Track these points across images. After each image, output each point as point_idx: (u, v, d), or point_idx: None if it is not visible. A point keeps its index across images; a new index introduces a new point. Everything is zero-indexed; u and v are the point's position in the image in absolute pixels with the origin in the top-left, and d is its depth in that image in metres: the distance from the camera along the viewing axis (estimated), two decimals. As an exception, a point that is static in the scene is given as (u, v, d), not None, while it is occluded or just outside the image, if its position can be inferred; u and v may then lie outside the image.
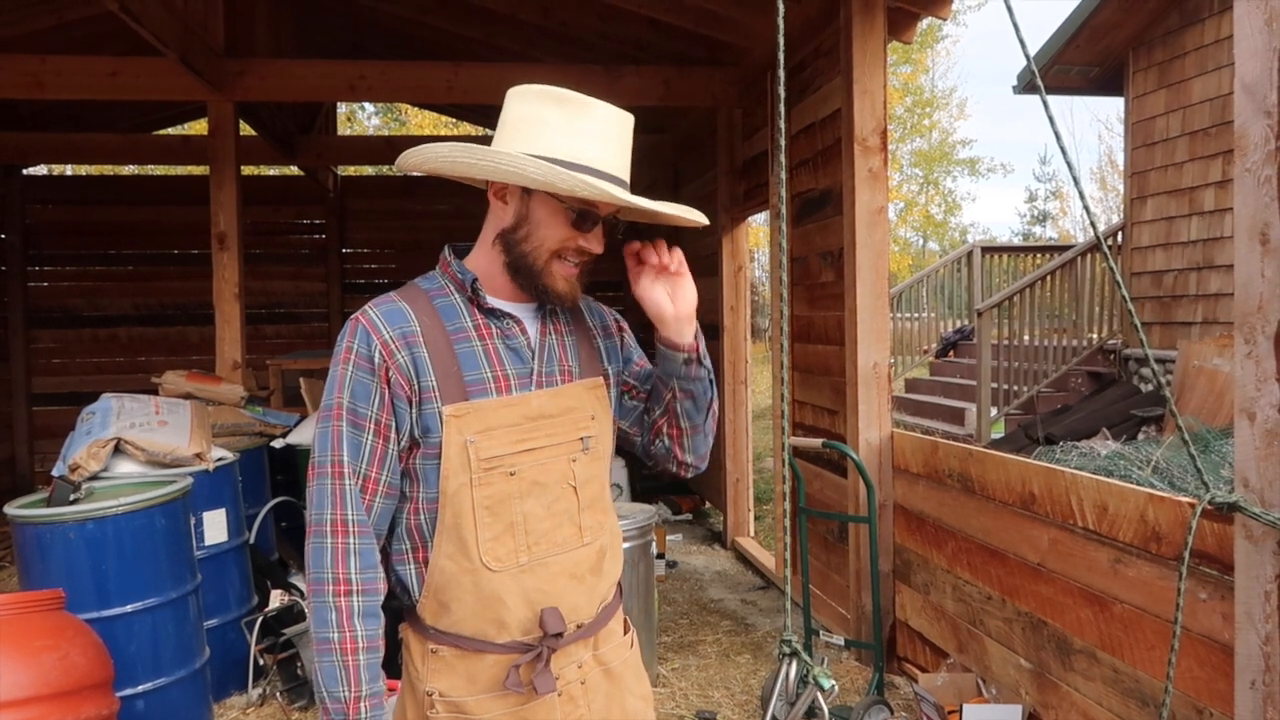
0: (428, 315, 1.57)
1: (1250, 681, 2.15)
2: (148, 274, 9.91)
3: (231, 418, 5.06)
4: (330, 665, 1.49)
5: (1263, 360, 2.06)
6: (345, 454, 1.52)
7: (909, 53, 22.51)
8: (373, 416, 1.53)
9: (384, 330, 1.54)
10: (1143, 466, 6.04)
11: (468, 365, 1.56)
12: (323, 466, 1.53)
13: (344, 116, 18.07)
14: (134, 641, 3.43)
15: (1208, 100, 7.73)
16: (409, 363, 1.53)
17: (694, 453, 1.79)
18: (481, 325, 1.59)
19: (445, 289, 1.62)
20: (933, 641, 3.95)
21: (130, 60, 5.72)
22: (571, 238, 1.56)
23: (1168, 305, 8.29)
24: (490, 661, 1.56)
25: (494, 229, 1.60)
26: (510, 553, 1.55)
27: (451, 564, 1.54)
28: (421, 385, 1.54)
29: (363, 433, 1.53)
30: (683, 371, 1.72)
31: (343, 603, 1.49)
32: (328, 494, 1.52)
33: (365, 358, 1.53)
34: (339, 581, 1.50)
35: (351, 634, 1.49)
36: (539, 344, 1.63)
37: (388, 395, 1.53)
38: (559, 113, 1.52)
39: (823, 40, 4.69)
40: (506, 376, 1.58)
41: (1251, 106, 2.10)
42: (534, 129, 1.52)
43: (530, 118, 1.53)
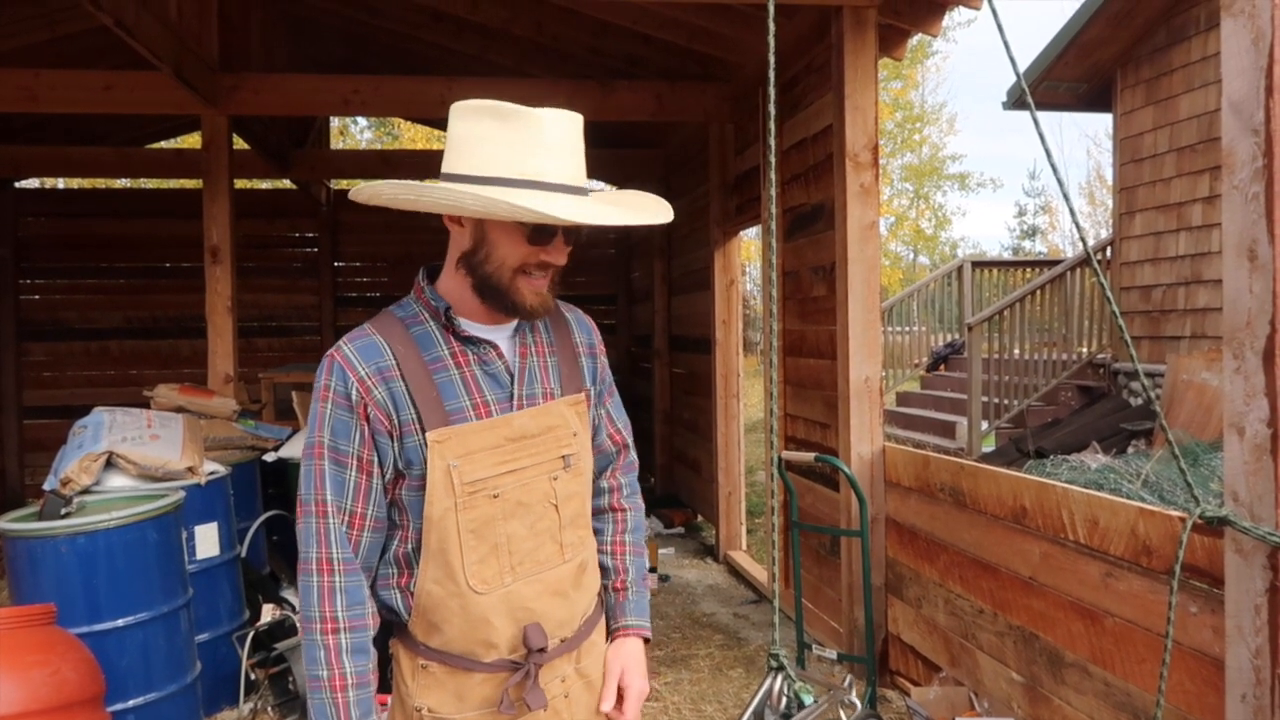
0: (404, 345, 1.57)
1: (1241, 695, 2.16)
2: (140, 287, 9.89)
3: (224, 431, 5.05)
4: (321, 703, 1.51)
5: (1251, 375, 2.08)
6: (329, 492, 1.53)
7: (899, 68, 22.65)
8: (354, 453, 1.53)
9: (359, 367, 1.54)
10: (1133, 480, 6.07)
11: (447, 394, 1.56)
12: (308, 505, 1.54)
13: (337, 130, 18.10)
14: (125, 656, 3.41)
15: (1195, 117, 7.80)
16: (386, 397, 1.53)
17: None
18: (458, 353, 1.59)
19: (420, 316, 1.61)
20: (925, 655, 3.96)
21: (124, 74, 5.74)
22: (531, 254, 1.54)
23: (1156, 320, 8.34)
24: (479, 679, 1.59)
25: (456, 252, 1.60)
26: (495, 574, 1.57)
27: (438, 588, 1.56)
28: (401, 419, 1.54)
29: (346, 469, 1.53)
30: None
31: (330, 640, 1.51)
32: (313, 532, 1.53)
33: (343, 395, 1.53)
34: (325, 620, 1.51)
35: (340, 671, 1.51)
36: (518, 367, 1.63)
37: (368, 431, 1.54)
38: (500, 128, 1.49)
39: (814, 56, 4.72)
40: (486, 403, 1.58)
41: (1239, 124, 2.12)
42: (476, 147, 1.50)
43: (472, 136, 1.51)
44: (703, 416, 7.29)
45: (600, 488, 1.83)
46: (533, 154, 1.48)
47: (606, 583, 1.82)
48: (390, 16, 7.17)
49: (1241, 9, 2.09)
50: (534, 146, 1.49)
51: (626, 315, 10.67)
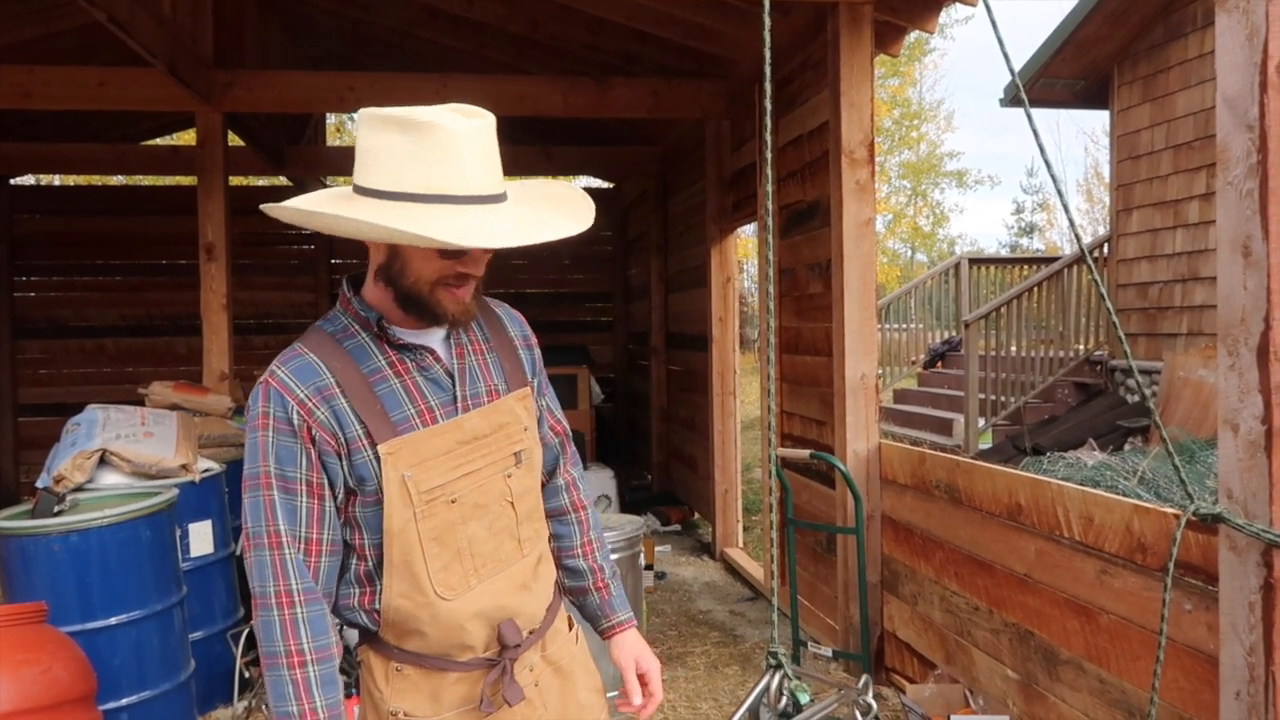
0: (340, 361, 1.53)
1: (1235, 692, 2.15)
2: (135, 285, 9.87)
3: (218, 429, 5.03)
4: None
5: (1246, 372, 2.08)
6: (281, 522, 1.49)
7: (896, 65, 22.63)
8: (302, 478, 1.50)
9: (297, 390, 1.50)
10: (1129, 477, 6.07)
11: (390, 405, 1.53)
12: (259, 538, 1.49)
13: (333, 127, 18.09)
14: (118, 654, 3.40)
15: (1192, 114, 7.80)
16: (330, 417, 1.50)
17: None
18: (395, 362, 1.56)
19: (351, 329, 1.57)
20: (920, 652, 3.95)
21: (118, 71, 5.72)
22: (447, 268, 1.50)
23: (1153, 317, 8.34)
24: (454, 679, 1.59)
25: (374, 266, 1.56)
26: (460, 579, 1.56)
27: (406, 601, 1.55)
28: (348, 436, 1.51)
29: (295, 496, 1.50)
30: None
31: (299, 674, 1.47)
32: (268, 565, 1.48)
33: (284, 420, 1.49)
34: (292, 654, 1.47)
35: (311, 706, 1.48)
36: (457, 369, 1.61)
37: (314, 454, 1.50)
38: (404, 140, 1.42)
39: (810, 53, 4.71)
40: (430, 409, 1.56)
41: (1233, 121, 2.12)
42: (383, 161, 1.43)
43: (378, 149, 1.45)
44: (699, 414, 7.29)
45: (556, 485, 1.85)
46: (441, 165, 1.42)
47: (586, 584, 1.84)
48: (386, 13, 7.16)
49: (1236, 5, 2.09)
50: (442, 158, 1.42)
51: (623, 312, 10.66)
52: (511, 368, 1.69)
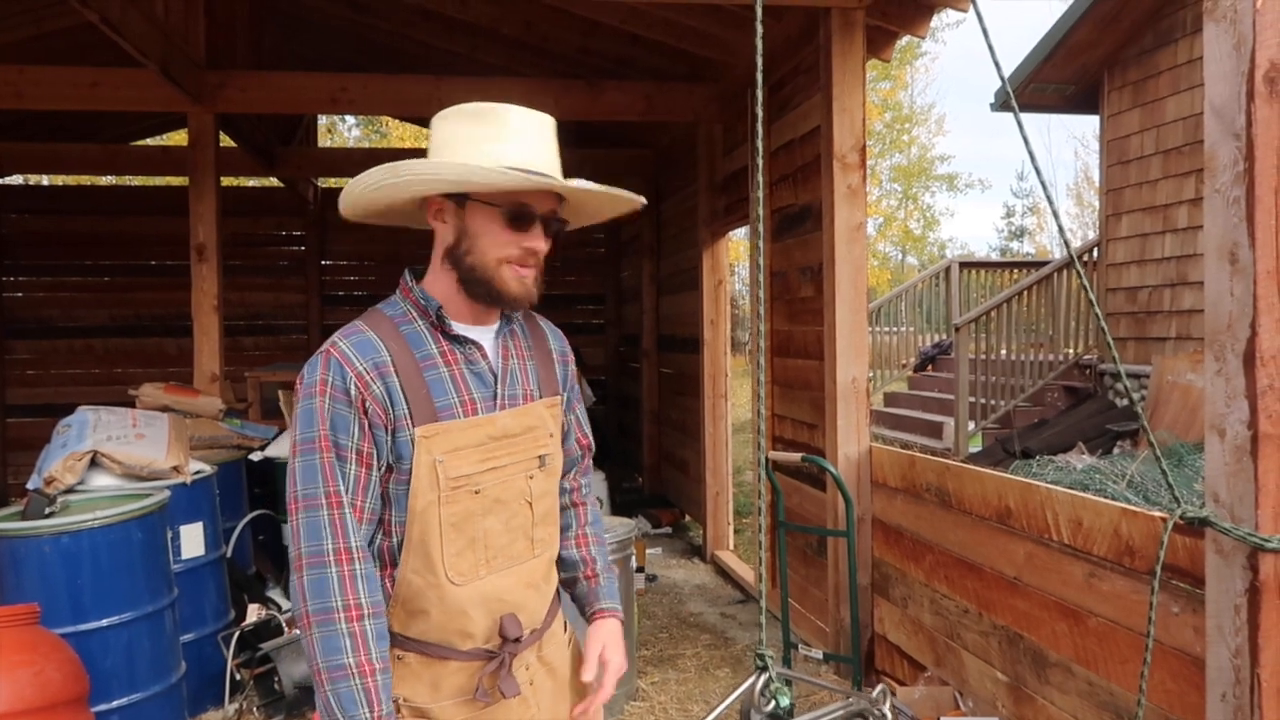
0: (396, 343, 1.59)
1: (1221, 694, 2.18)
2: (125, 285, 9.84)
3: (209, 430, 5.03)
4: (349, 690, 1.48)
5: (1232, 377, 2.10)
6: (340, 484, 1.53)
7: (888, 69, 22.70)
8: (354, 447, 1.55)
9: (357, 362, 1.56)
10: (1118, 481, 6.10)
11: (436, 392, 1.59)
12: (313, 499, 1.53)
13: (325, 128, 18.06)
14: (109, 656, 3.40)
15: (1181, 119, 7.85)
16: (384, 392, 1.56)
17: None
18: (447, 351, 1.63)
19: (409, 315, 1.64)
20: (910, 655, 3.97)
21: (110, 71, 5.71)
22: (512, 241, 1.59)
23: (1142, 321, 8.39)
24: (454, 668, 1.63)
25: (440, 249, 1.64)
26: (471, 567, 1.61)
27: (418, 578, 1.59)
28: (395, 414, 1.56)
29: (347, 463, 1.54)
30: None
31: (357, 628, 1.50)
32: (325, 524, 1.52)
33: (341, 390, 1.54)
34: (350, 608, 1.50)
35: (368, 657, 1.50)
36: (501, 368, 1.68)
37: (366, 425, 1.55)
38: (476, 126, 1.56)
39: (802, 58, 4.73)
40: (473, 400, 1.62)
41: (1220, 129, 2.14)
42: (457, 146, 1.56)
43: (452, 137, 1.57)
44: (690, 416, 7.30)
45: (562, 488, 1.89)
46: (513, 145, 1.55)
47: (576, 574, 1.89)
48: (379, 14, 7.16)
49: (1224, 14, 2.11)
50: (513, 138, 1.56)
51: (615, 315, 10.67)
52: (546, 376, 1.76)
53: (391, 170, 1.55)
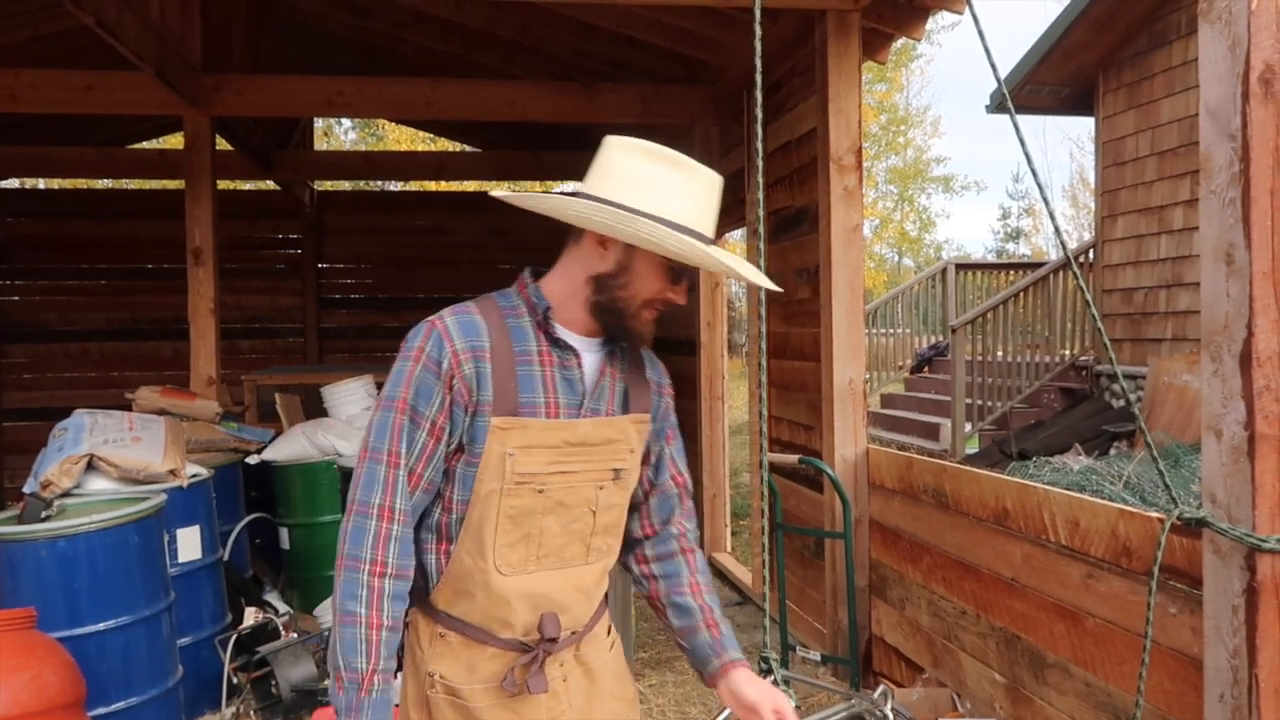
0: (499, 332, 1.64)
1: (1219, 695, 2.18)
2: (121, 289, 9.81)
3: (206, 434, 5.02)
4: (353, 637, 1.55)
5: (1229, 378, 2.10)
6: (403, 446, 1.60)
7: (884, 71, 22.74)
8: (430, 417, 1.60)
9: (457, 340, 1.61)
10: (1115, 482, 6.11)
11: (524, 387, 1.63)
12: (378, 452, 1.60)
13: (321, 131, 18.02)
14: (106, 660, 3.39)
15: (1176, 121, 7.86)
16: (474, 374, 1.61)
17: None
18: (545, 352, 1.66)
19: (519, 310, 1.68)
20: (908, 656, 3.97)
21: (106, 74, 5.70)
22: (665, 289, 1.65)
23: (1138, 322, 8.40)
24: (490, 654, 1.67)
25: (586, 270, 1.65)
26: (521, 560, 1.66)
27: (470, 560, 1.65)
28: (480, 398, 1.61)
29: (419, 430, 1.60)
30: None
31: (377, 583, 1.57)
32: (379, 479, 1.59)
33: (435, 361, 1.60)
34: (376, 563, 1.57)
35: (379, 612, 1.56)
36: (593, 381, 1.70)
37: (448, 401, 1.61)
38: (671, 174, 1.60)
39: (798, 60, 4.74)
40: (557, 404, 1.66)
41: (1216, 130, 2.14)
42: (649, 188, 1.58)
43: (643, 176, 1.59)
44: (687, 418, 7.24)
45: (669, 533, 1.88)
46: (695, 203, 1.60)
47: (695, 621, 1.83)
48: (375, 17, 7.15)
49: (1219, 15, 2.11)
50: (697, 196, 1.61)
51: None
52: (637, 397, 1.77)
53: (605, 213, 1.55)
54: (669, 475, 1.87)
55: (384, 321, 10.69)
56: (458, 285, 10.72)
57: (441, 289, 10.70)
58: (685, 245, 1.54)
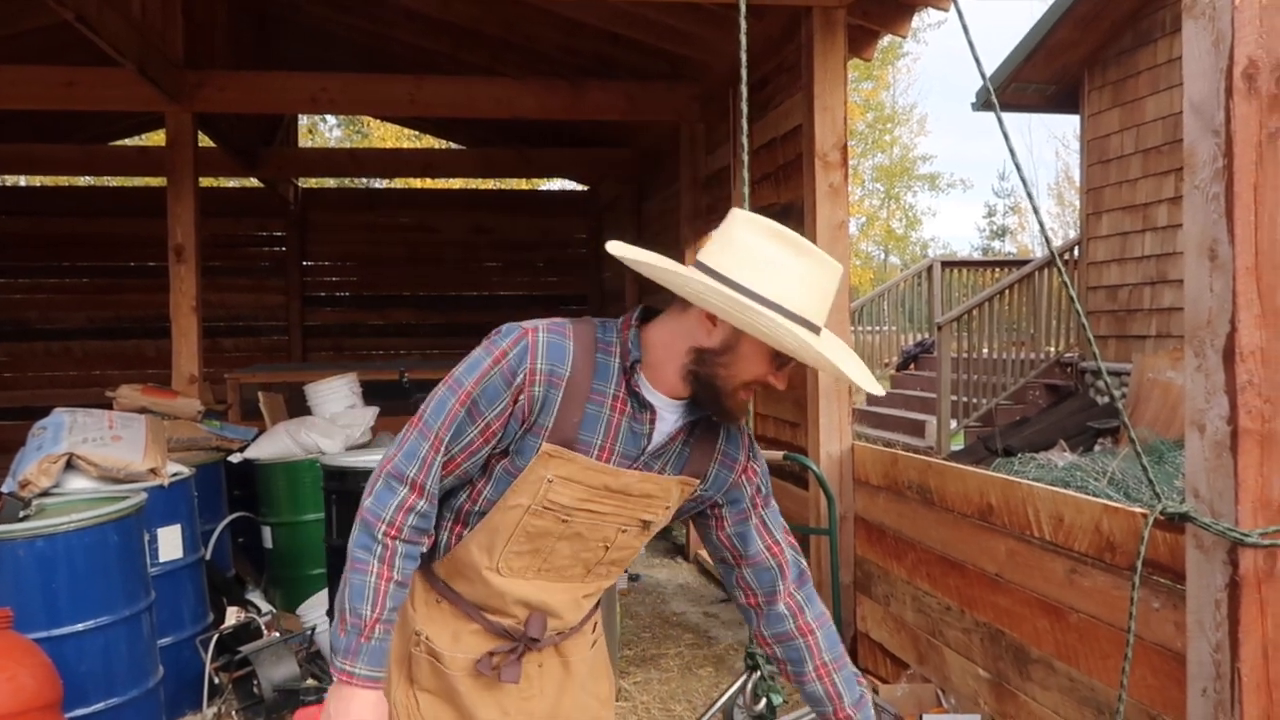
0: (584, 364, 1.61)
1: (1202, 689, 2.18)
2: (103, 286, 9.75)
3: (188, 432, 4.98)
4: (361, 584, 1.59)
5: (1212, 373, 2.10)
6: (450, 434, 1.60)
7: (870, 69, 22.79)
8: (487, 419, 1.60)
9: (540, 360, 1.59)
10: (1099, 478, 6.13)
11: (587, 425, 1.62)
12: (428, 429, 1.61)
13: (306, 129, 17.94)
14: (85, 661, 3.35)
15: (1160, 118, 7.90)
16: (541, 397, 1.59)
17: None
18: (621, 398, 1.63)
19: (612, 348, 1.64)
20: (893, 652, 3.97)
21: (87, 70, 5.65)
22: (767, 374, 1.60)
23: (1123, 319, 8.44)
24: (475, 629, 1.73)
25: (690, 339, 1.59)
26: (523, 568, 1.70)
27: (476, 552, 1.69)
28: (538, 420, 1.60)
29: (473, 425, 1.60)
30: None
31: (390, 542, 1.60)
32: (419, 455, 1.60)
33: (511, 370, 1.59)
34: (394, 525, 1.60)
35: (390, 567, 1.60)
36: (661, 442, 1.67)
37: (509, 411, 1.60)
38: (793, 259, 1.53)
39: (784, 57, 4.73)
40: (612, 450, 1.64)
41: (1200, 125, 2.14)
42: (769, 270, 1.51)
43: (765, 257, 1.52)
44: (674, 416, 7.28)
45: (779, 612, 1.81)
46: (816, 296, 1.54)
47: (825, 711, 1.80)
48: (360, 14, 7.13)
49: (1202, 11, 2.11)
50: (817, 289, 1.54)
51: (598, 316, 10.65)
52: (693, 463, 1.72)
53: (725, 300, 1.49)
54: (762, 547, 1.80)
55: (369, 319, 10.66)
56: (444, 283, 10.77)
57: (427, 287, 10.70)
58: (797, 341, 1.49)
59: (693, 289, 1.52)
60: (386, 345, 10.54)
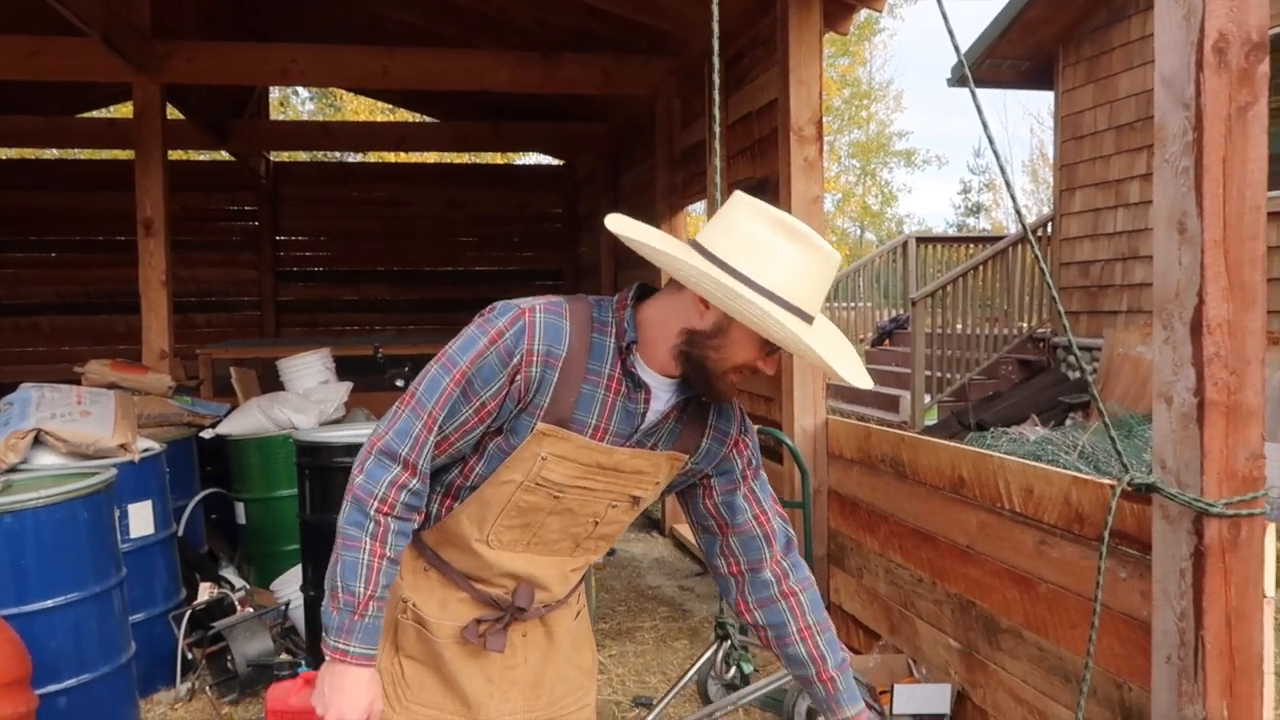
0: (580, 344, 1.61)
1: (1166, 656, 2.22)
2: (71, 261, 9.62)
3: (158, 408, 4.93)
4: (354, 561, 1.58)
5: (1180, 346, 2.13)
6: (444, 414, 1.60)
7: (847, 44, 22.73)
8: (483, 399, 1.59)
9: (537, 341, 1.58)
10: (1070, 451, 6.20)
11: (582, 405, 1.62)
12: (421, 407, 1.60)
13: (277, 101, 17.69)
14: (55, 637, 3.32)
15: (1134, 95, 7.94)
16: (537, 377, 1.59)
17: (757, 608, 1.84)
18: (616, 378, 1.63)
19: (609, 328, 1.64)
20: (866, 624, 4.01)
21: (51, 40, 5.54)
22: (757, 359, 1.59)
23: (1095, 294, 8.51)
24: (463, 598, 1.74)
25: (683, 320, 1.59)
26: (512, 541, 1.70)
27: (467, 525, 1.69)
28: (534, 400, 1.60)
29: (467, 405, 1.59)
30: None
31: (383, 519, 1.60)
32: (412, 433, 1.59)
33: (508, 351, 1.57)
34: (387, 502, 1.59)
35: (382, 544, 1.59)
36: (655, 420, 1.67)
37: (505, 391, 1.59)
38: (790, 247, 1.52)
39: (760, 30, 4.71)
40: (606, 430, 1.64)
41: (1170, 99, 2.15)
42: (764, 257, 1.51)
43: (762, 243, 1.51)
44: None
45: (764, 579, 1.81)
46: (810, 284, 1.53)
47: (808, 674, 1.81)
48: (331, -16, 7.02)
49: (1174, -16, 2.12)
50: (813, 278, 1.53)
51: (573, 291, 10.62)
52: (685, 439, 1.72)
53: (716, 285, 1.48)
54: (749, 516, 1.81)
55: (343, 295, 10.58)
56: (418, 258, 10.70)
57: (401, 262, 10.63)
58: (785, 332, 1.47)
59: (685, 272, 1.51)
60: (361, 321, 10.48)
